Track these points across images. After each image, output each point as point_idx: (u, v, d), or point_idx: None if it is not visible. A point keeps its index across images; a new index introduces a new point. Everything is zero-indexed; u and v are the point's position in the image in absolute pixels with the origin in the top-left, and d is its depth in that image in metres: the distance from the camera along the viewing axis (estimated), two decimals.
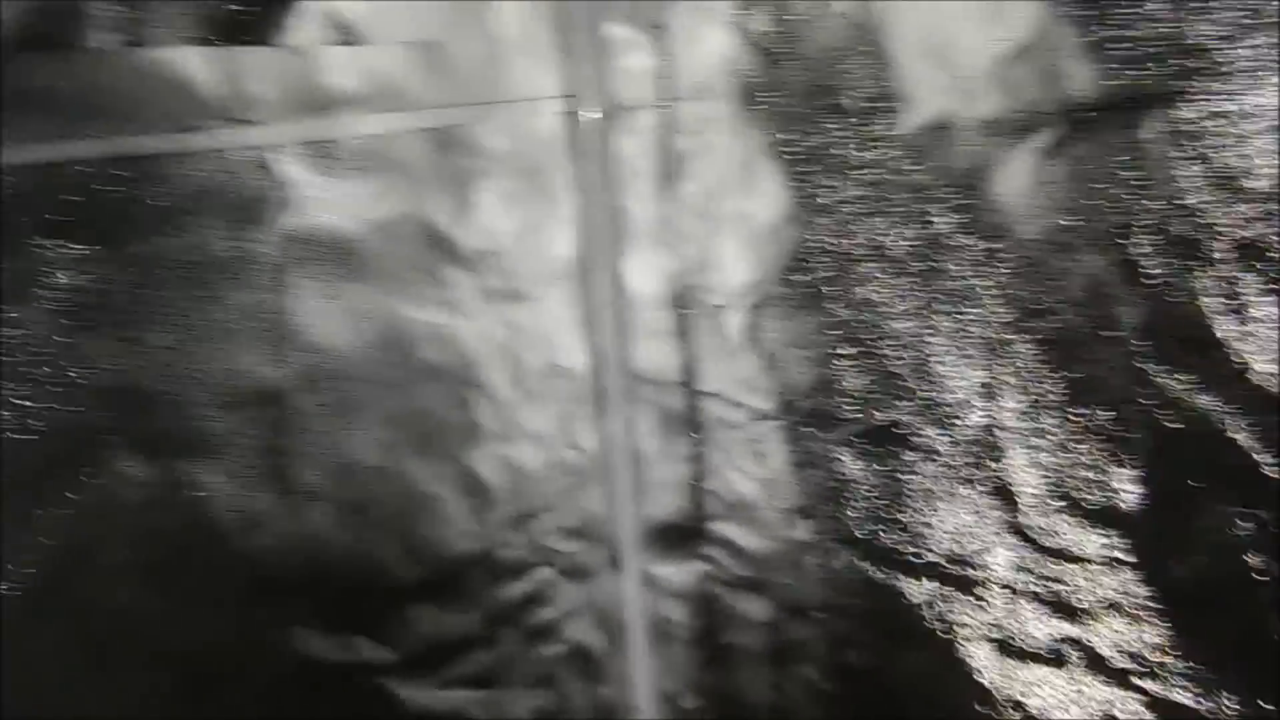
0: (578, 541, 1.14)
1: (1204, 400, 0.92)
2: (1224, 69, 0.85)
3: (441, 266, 1.06)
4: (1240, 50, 0.85)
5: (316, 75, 0.98)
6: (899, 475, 1.08)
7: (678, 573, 1.13)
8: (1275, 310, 0.88)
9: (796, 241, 1.06)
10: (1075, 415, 0.99)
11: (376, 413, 1.03)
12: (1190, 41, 0.86)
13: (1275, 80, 0.83)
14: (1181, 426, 0.93)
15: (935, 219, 1.02)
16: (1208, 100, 0.87)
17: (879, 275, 1.06)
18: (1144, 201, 0.92)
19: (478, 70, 1.09)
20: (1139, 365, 0.94)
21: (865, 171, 1.06)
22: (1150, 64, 0.88)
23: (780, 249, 1.06)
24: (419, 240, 1.04)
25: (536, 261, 1.07)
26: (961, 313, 1.04)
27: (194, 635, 0.98)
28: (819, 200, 1.05)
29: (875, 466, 1.07)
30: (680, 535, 1.13)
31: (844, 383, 1.06)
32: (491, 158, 1.05)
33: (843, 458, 1.09)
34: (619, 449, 1.12)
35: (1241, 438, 0.90)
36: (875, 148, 1.03)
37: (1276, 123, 0.85)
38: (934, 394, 1.06)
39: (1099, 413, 0.98)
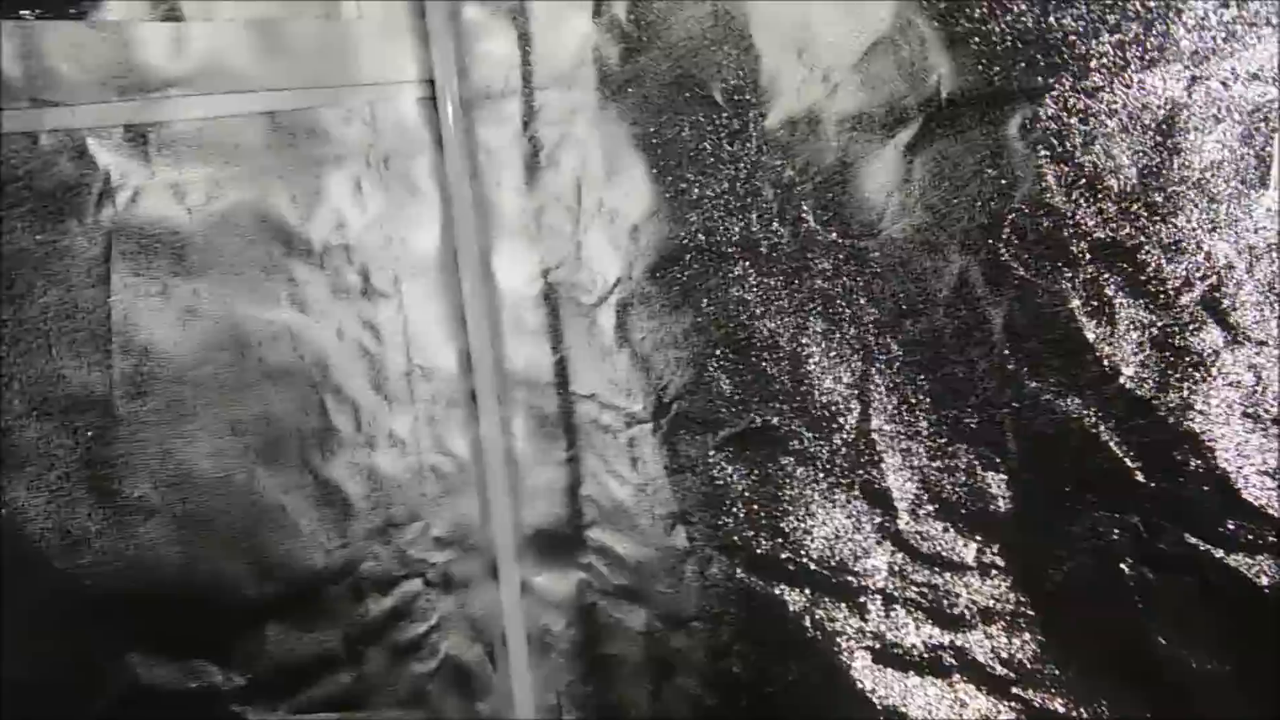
0: (450, 551, 1.07)
1: (1073, 403, 0.90)
2: (1087, 65, 0.83)
3: (286, 261, 0.97)
4: (1103, 45, 0.83)
5: (135, 53, 0.89)
6: (775, 480, 0.99)
7: (556, 582, 1.10)
8: (1141, 312, 0.87)
9: (665, 237, 0.99)
10: (947, 418, 0.98)
11: (216, 419, 0.95)
12: (1053, 36, 0.84)
13: (1136, 76, 0.81)
14: (1051, 430, 0.88)
15: (803, 216, 0.99)
16: (1070, 97, 0.85)
17: (749, 273, 0.97)
18: (1008, 200, 0.86)
19: (324, 52, 1.01)
20: (1009, 367, 0.92)
21: (732, 166, 0.96)
22: (1013, 59, 0.86)
23: (649, 245, 1.00)
24: (259, 233, 0.96)
25: (396, 256, 1.01)
26: (832, 312, 0.95)
27: (15, 666, 0.89)
28: (687, 195, 0.98)
29: (751, 471, 1.01)
30: (558, 543, 1.09)
31: (718, 384, 1.00)
32: (343, 145, 0.98)
33: (718, 462, 1.02)
34: (493, 453, 1.07)
35: (1111, 442, 0.89)
36: (742, 142, 1.00)
37: (1139, 119, 0.83)
38: (808, 396, 0.97)
39: (970, 416, 0.93)
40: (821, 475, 0.95)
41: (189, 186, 0.89)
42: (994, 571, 0.89)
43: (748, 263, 0.95)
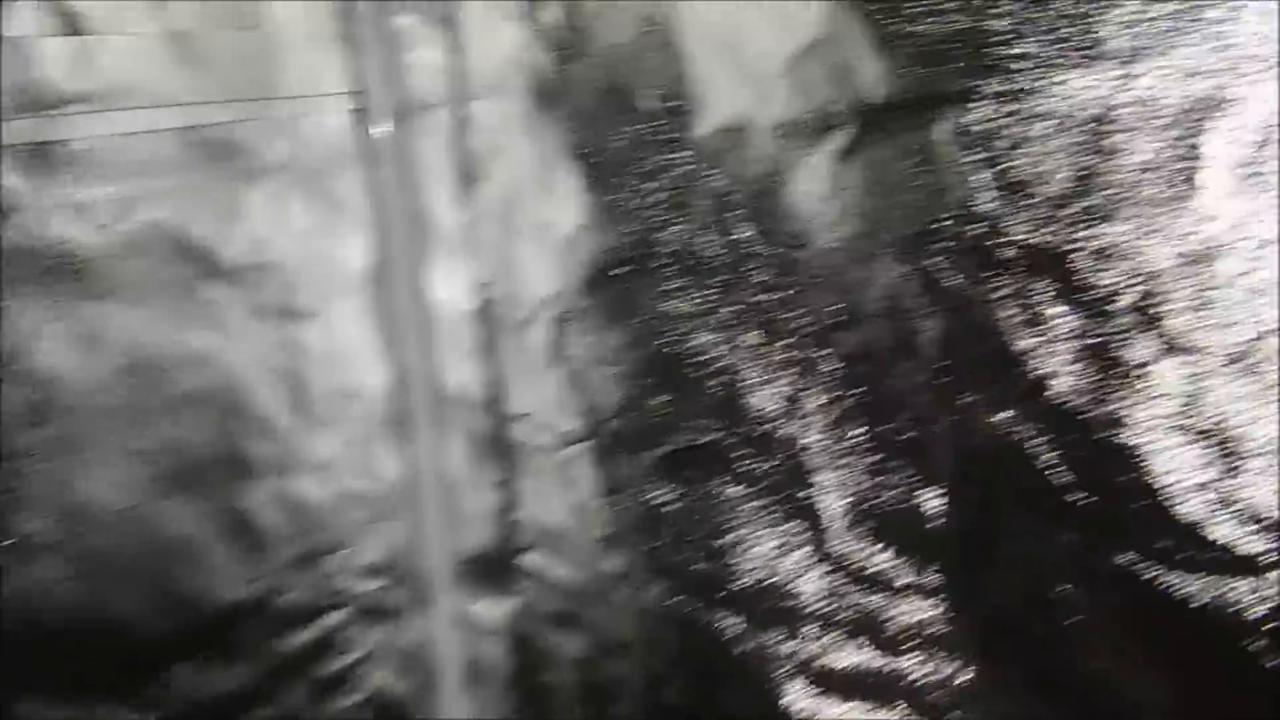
0: (378, 579, 1.04)
1: (1006, 417, 0.89)
2: (1016, 67, 0.83)
3: (200, 282, 0.95)
4: (1032, 46, 0.83)
5: (34, 69, 0.87)
6: (711, 500, 0.97)
7: (491, 609, 1.07)
8: (1072, 322, 0.86)
9: (600, 251, 0.98)
10: (882, 434, 0.96)
11: (120, 449, 0.92)
12: (982, 38, 0.83)
13: (1066, 76, 0.81)
14: (986, 446, 0.91)
15: (738, 226, 0.98)
16: (999, 100, 0.84)
17: (684, 286, 0.96)
18: (939, 207, 0.88)
19: (244, 64, 0.99)
20: (943, 380, 0.91)
21: (666, 176, 0.94)
22: (942, 62, 0.86)
23: (584, 259, 0.98)
24: (171, 254, 0.93)
25: (322, 274, 0.99)
26: (766, 326, 0.93)
27: None
28: (621, 206, 0.96)
29: (687, 491, 0.99)
30: (492, 568, 1.06)
31: (652, 401, 0.99)
32: (264, 161, 0.95)
33: (654, 483, 1.00)
34: (426, 476, 1.05)
35: (1045, 457, 0.88)
36: (675, 151, 0.99)
37: (1069, 122, 0.83)
38: (743, 412, 0.95)
39: (905, 431, 0.95)
40: (757, 494, 0.93)
41: (95, 206, 0.86)
42: (931, 593, 0.88)
43: (682, 275, 0.93)
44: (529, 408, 1.03)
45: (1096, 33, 0.76)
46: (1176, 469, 0.79)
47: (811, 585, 0.92)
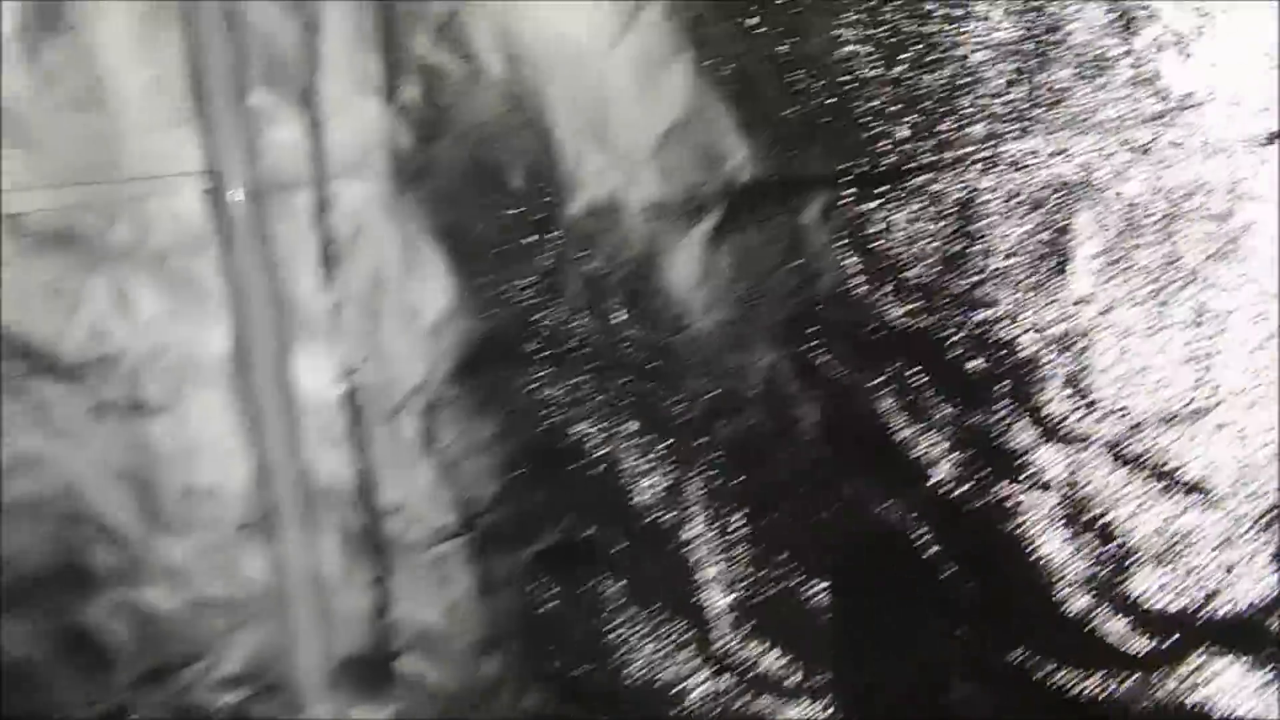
0: (242, 690, 0.99)
1: (890, 508, 0.86)
2: (882, 149, 0.82)
3: (29, 381, 0.90)
4: (898, 129, 0.82)
5: None
6: (591, 598, 0.94)
7: (369, 716, 1.03)
8: (950, 409, 0.84)
9: (468, 336, 0.95)
10: (765, 526, 0.92)
11: None
12: (846, 121, 0.83)
13: (932, 159, 0.80)
14: (872, 537, 0.88)
15: (611, 310, 0.95)
16: (867, 182, 0.83)
17: (558, 372, 0.94)
18: (812, 292, 0.87)
19: (84, 145, 0.96)
20: (825, 470, 0.89)
21: (537, 259, 0.93)
22: (808, 144, 0.84)
23: (452, 345, 0.96)
24: None
25: (174, 364, 0.95)
26: (644, 414, 0.91)
27: None
28: (490, 290, 0.95)
29: (566, 589, 0.96)
30: (368, 673, 1.02)
31: (529, 495, 0.96)
32: (106, 246, 0.92)
33: (531, 581, 0.97)
34: (294, 576, 1.01)
35: (931, 549, 0.85)
36: (545, 232, 0.96)
37: (937, 205, 0.82)
38: (622, 505, 0.93)
39: (789, 522, 0.91)
40: (639, 592, 0.90)
41: None
42: (820, 693, 0.84)
43: (556, 361, 0.91)
44: (401, 501, 0.99)
45: (964, 114, 0.74)
46: (1062, 562, 0.77)
47: (698, 688, 0.88)
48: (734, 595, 0.86)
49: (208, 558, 0.95)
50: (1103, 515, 0.74)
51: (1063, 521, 0.77)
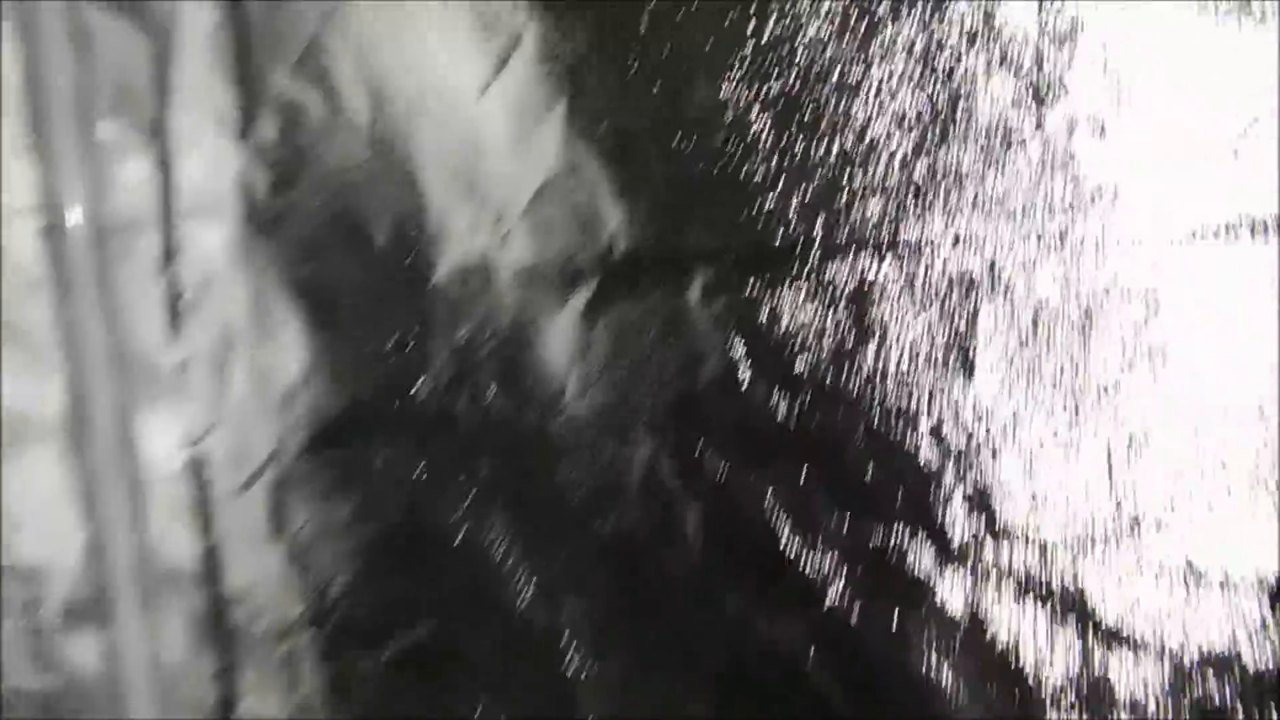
0: None
1: (776, 626, 0.78)
2: (771, 225, 0.75)
3: None
4: (788, 203, 0.75)
5: None
6: (454, 710, 0.83)
7: None
8: (843, 520, 0.76)
9: (324, 405, 0.89)
10: (641, 639, 0.83)
11: None
12: (730, 192, 0.76)
13: (826, 245, 0.73)
14: (755, 658, 0.79)
15: (481, 384, 0.87)
16: (754, 261, 0.76)
17: (421, 451, 0.87)
18: (694, 378, 0.80)
19: None
20: (707, 580, 0.81)
21: (400, 322, 0.87)
22: (689, 214, 0.78)
23: (306, 414, 0.90)
24: None
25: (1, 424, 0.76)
26: (514, 502, 0.85)
27: None
28: (348, 355, 0.88)
29: (427, 696, 0.89)
30: None
31: (386, 587, 0.90)
32: None
33: (388, 682, 0.90)
34: (131, 664, 0.95)
35: (821, 677, 0.77)
36: (410, 293, 0.89)
37: (829, 291, 0.75)
38: (489, 604, 0.86)
39: (667, 637, 0.82)
40: (504, 701, 0.82)
41: None
42: None
43: (420, 438, 0.83)
44: (249, 586, 0.93)
45: (858, 191, 0.67)
46: (963, 702, 0.69)
47: None
48: (606, 712, 0.78)
49: (22, 646, 0.87)
50: (1010, 655, 0.66)
51: (966, 653, 0.69)
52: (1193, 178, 0.66)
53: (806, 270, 0.69)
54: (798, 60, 0.69)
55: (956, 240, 0.66)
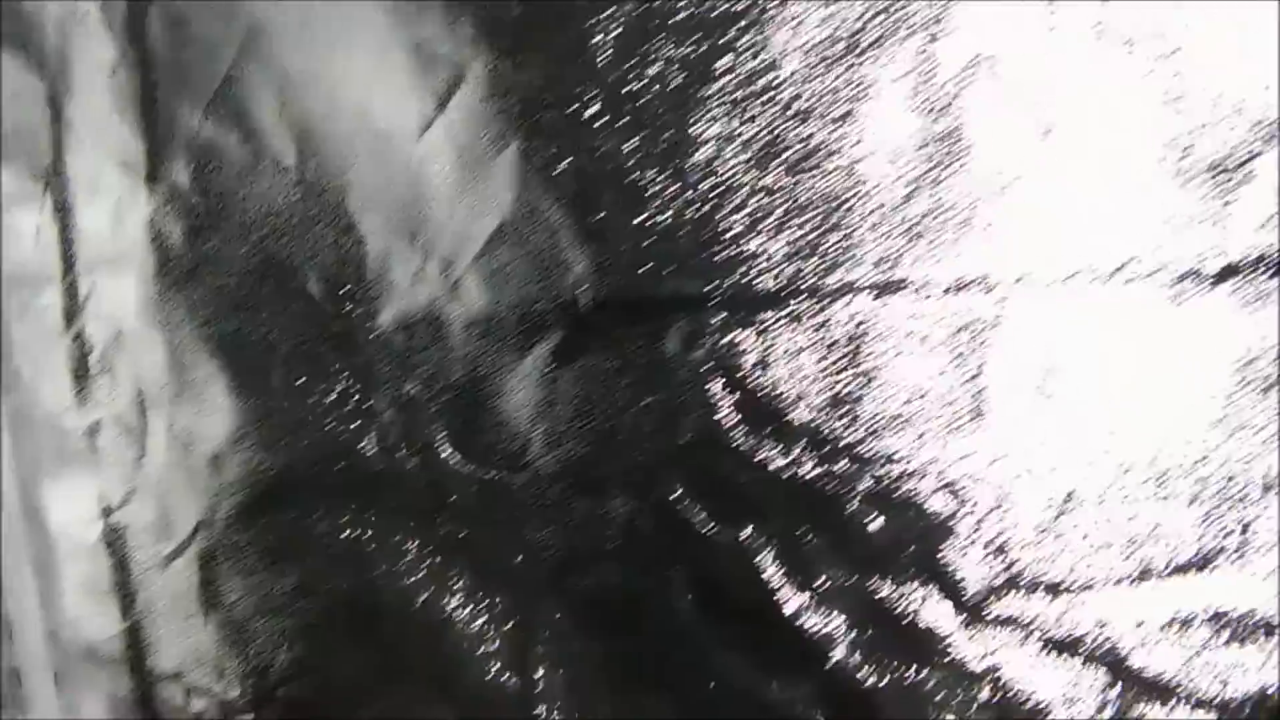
0: None
1: (776, 689, 0.75)
2: (754, 267, 0.72)
3: None
4: (774, 245, 0.71)
5: None
6: None
7: None
8: (846, 576, 0.72)
9: (257, 470, 0.84)
10: (628, 703, 0.79)
11: None
12: (711, 232, 0.72)
13: (815, 282, 0.70)
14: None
15: (434, 442, 0.82)
16: (739, 307, 0.72)
17: (369, 514, 0.84)
18: (676, 432, 0.76)
19: None
20: (697, 641, 0.77)
21: (339, 378, 0.84)
22: (664, 259, 0.73)
23: (237, 480, 0.85)
24: None
25: None
26: (478, 566, 0.82)
27: None
28: (282, 415, 0.83)
29: None
30: None
31: (336, 663, 0.85)
32: None
33: None
34: None
35: None
36: (348, 346, 0.83)
37: (824, 337, 0.72)
38: (454, 678, 0.83)
39: (658, 702, 0.78)
40: None
41: None
42: None
43: (365, 501, 0.81)
44: (178, 665, 0.89)
45: (852, 230, 0.64)
46: None
47: None
48: None
49: None
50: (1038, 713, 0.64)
51: (989, 715, 0.67)
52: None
53: (797, 314, 0.65)
54: (778, 96, 0.64)
55: (962, 284, 0.64)
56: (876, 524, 0.65)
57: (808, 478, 0.65)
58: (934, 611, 0.64)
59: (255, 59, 0.73)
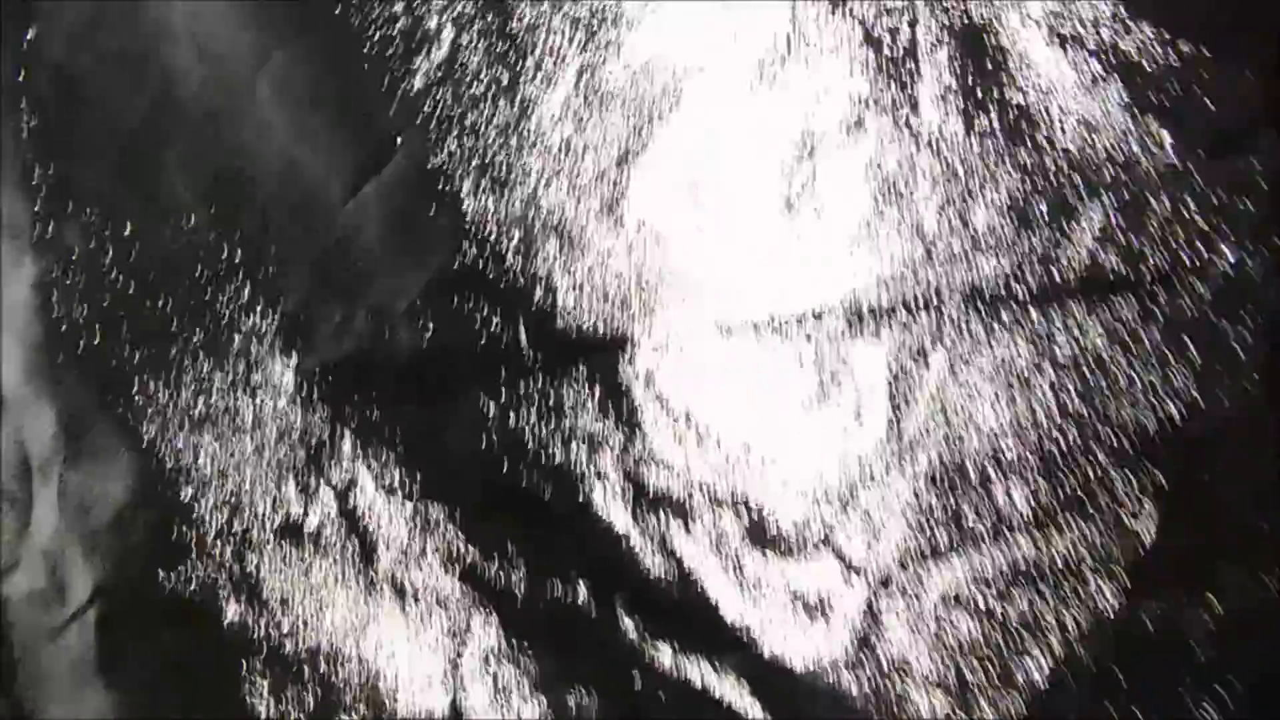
0: None
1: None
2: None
3: None
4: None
5: None
6: None
7: None
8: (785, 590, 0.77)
9: (158, 527, 0.84)
10: (561, 706, 0.81)
11: None
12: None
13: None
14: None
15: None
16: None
17: (285, 562, 0.84)
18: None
19: None
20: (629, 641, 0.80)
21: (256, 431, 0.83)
22: None
23: (138, 540, 0.85)
24: None
25: None
26: (403, 593, 0.83)
27: None
28: (190, 472, 0.85)
29: None
30: None
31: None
32: None
33: None
34: None
35: None
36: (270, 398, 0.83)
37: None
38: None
39: (588, 701, 0.81)
40: None
41: None
42: None
43: (289, 547, 0.83)
44: None
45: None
46: None
47: None
48: None
49: None
50: None
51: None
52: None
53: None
54: None
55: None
56: None
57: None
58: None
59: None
